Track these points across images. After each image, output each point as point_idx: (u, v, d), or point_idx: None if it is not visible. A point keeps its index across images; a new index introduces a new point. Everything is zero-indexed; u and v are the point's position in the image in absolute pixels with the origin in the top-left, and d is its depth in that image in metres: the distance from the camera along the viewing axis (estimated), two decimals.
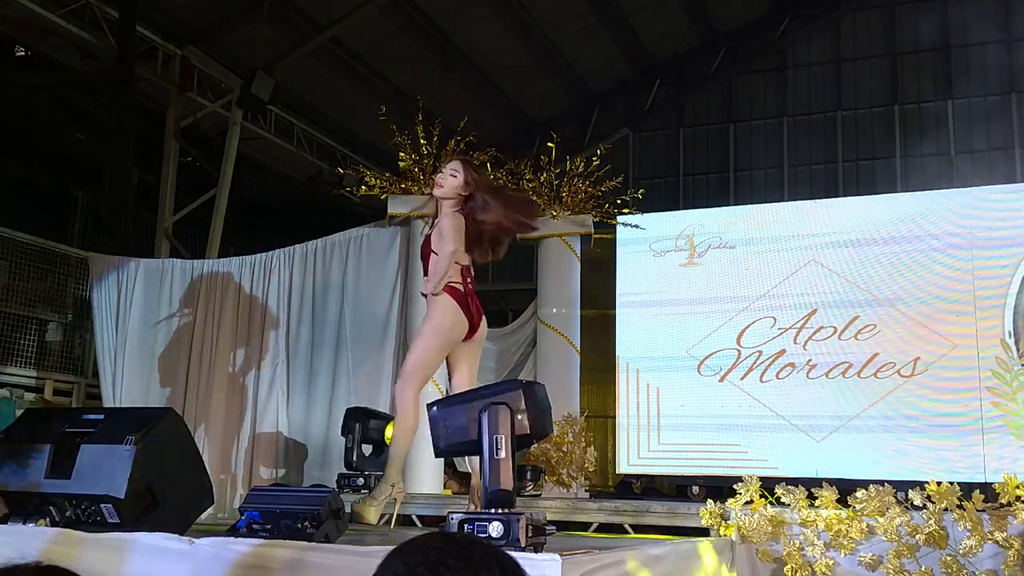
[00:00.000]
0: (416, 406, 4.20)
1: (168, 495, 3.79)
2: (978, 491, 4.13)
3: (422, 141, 7.34)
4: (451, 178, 4.26)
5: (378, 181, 7.40)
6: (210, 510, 4.81)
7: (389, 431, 5.90)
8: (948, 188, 9.35)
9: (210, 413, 7.14)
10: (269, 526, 3.46)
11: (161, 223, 10.79)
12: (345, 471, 6.51)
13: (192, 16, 10.74)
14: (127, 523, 3.60)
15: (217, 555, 3.19)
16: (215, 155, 11.28)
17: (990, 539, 3.99)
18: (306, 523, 3.41)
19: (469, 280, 4.27)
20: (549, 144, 7.89)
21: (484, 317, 4.34)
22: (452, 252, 4.15)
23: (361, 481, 6.36)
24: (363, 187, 7.52)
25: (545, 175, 7.83)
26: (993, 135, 12.84)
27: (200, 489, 4.11)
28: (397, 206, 7.38)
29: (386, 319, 7.39)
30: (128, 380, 7.20)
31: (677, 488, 8.67)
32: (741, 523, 4.38)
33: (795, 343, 8.03)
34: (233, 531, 3.51)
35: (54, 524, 3.68)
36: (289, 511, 3.47)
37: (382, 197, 7.42)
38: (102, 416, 4.04)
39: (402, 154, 7.43)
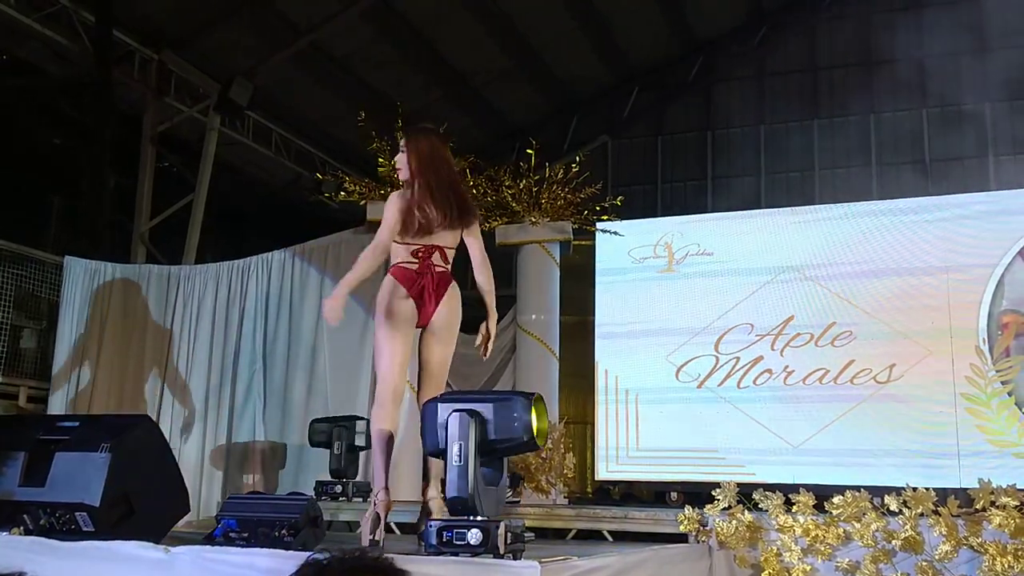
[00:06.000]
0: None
1: (144, 503, 3.76)
2: (953, 496, 4.17)
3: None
4: None
5: (357, 187, 7.37)
6: (186, 518, 4.77)
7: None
8: (923, 196, 9.43)
9: (186, 420, 7.11)
10: (246, 534, 3.44)
11: (138, 229, 10.71)
12: (324, 479, 6.47)
13: (169, 21, 10.67)
14: (102, 531, 3.56)
15: (193, 563, 3.17)
16: (192, 160, 11.20)
17: (965, 544, 4.03)
18: (283, 531, 3.40)
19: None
20: (528, 151, 7.89)
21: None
22: None
23: (339, 488, 6.32)
24: (342, 193, 7.48)
25: (524, 181, 7.82)
26: (967, 144, 12.96)
27: (176, 497, 4.09)
28: (376, 212, 7.34)
29: (364, 325, 7.37)
30: (101, 386, 7.15)
31: (655, 494, 8.69)
32: (719, 529, 4.39)
33: (772, 349, 8.08)
34: (210, 539, 3.49)
35: (28, 533, 3.64)
36: (266, 519, 3.46)
37: (361, 203, 7.38)
38: (77, 423, 4.01)
39: (381, 159, 7.40)
